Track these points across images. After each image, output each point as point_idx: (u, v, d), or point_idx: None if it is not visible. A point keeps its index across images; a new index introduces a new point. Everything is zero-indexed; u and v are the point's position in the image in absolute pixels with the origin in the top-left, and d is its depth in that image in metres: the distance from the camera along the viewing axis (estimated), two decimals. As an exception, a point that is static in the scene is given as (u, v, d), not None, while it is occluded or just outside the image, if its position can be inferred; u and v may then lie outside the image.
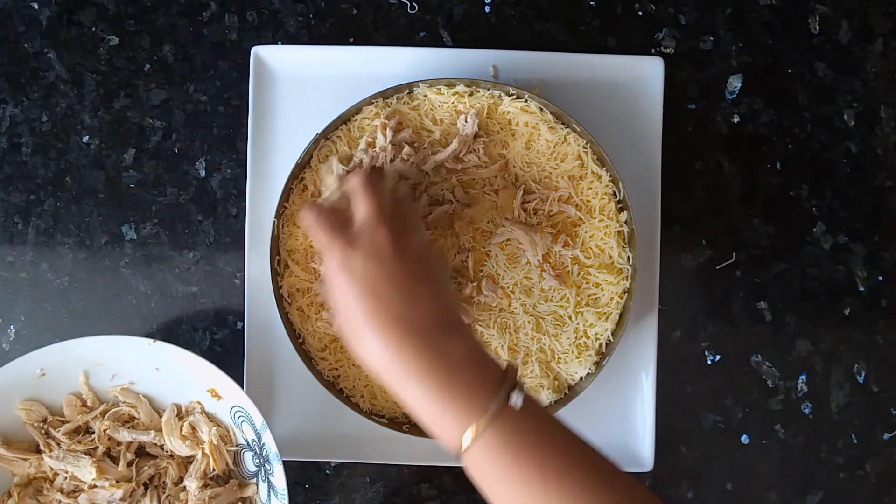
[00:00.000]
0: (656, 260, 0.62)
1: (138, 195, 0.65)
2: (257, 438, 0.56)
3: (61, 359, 0.57)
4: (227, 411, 0.57)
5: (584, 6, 0.66)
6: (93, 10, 0.66)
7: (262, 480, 0.57)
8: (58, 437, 0.58)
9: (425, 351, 0.44)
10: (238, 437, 0.58)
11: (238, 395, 0.55)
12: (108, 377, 0.59)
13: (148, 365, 0.58)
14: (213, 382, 0.57)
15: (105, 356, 0.58)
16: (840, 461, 0.65)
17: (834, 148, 0.66)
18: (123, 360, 0.58)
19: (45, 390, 0.58)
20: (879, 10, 0.66)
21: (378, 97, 0.59)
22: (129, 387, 0.59)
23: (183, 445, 0.58)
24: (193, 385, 0.58)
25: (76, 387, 0.59)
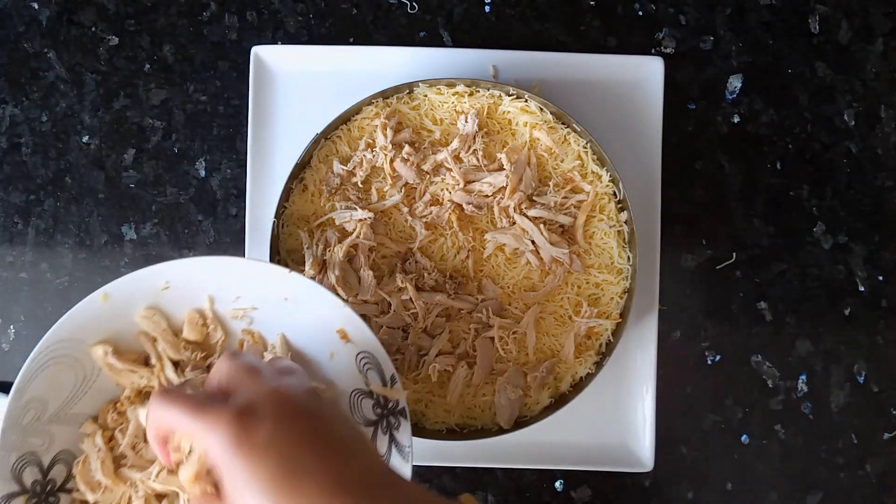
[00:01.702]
0: (656, 260, 0.62)
1: (138, 195, 0.65)
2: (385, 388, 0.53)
3: (188, 274, 0.53)
4: (352, 355, 0.54)
5: (585, 6, 0.66)
6: (93, 10, 0.66)
7: (382, 432, 0.53)
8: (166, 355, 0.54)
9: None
10: (357, 383, 0.54)
11: (370, 341, 0.52)
12: (232, 298, 0.55)
13: (277, 294, 0.54)
14: (345, 324, 0.53)
15: (233, 279, 0.54)
16: (840, 461, 0.65)
17: (834, 148, 0.66)
18: (251, 286, 0.54)
19: (167, 304, 0.54)
20: (880, 10, 0.66)
21: (378, 97, 0.59)
22: (251, 312, 0.55)
23: None
24: (320, 324, 0.54)
25: (198, 304, 0.55)
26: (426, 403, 0.59)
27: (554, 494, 0.65)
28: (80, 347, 0.51)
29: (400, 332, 0.59)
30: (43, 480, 0.49)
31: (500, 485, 0.64)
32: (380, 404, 0.53)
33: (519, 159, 0.58)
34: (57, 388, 0.50)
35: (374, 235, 0.59)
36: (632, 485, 0.64)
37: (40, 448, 0.49)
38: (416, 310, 0.58)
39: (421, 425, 0.60)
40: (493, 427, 0.59)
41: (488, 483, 0.65)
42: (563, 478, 0.65)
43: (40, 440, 0.50)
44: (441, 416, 0.59)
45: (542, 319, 0.59)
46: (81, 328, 0.51)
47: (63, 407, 0.51)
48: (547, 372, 0.58)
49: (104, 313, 0.51)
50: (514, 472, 0.64)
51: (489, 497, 0.65)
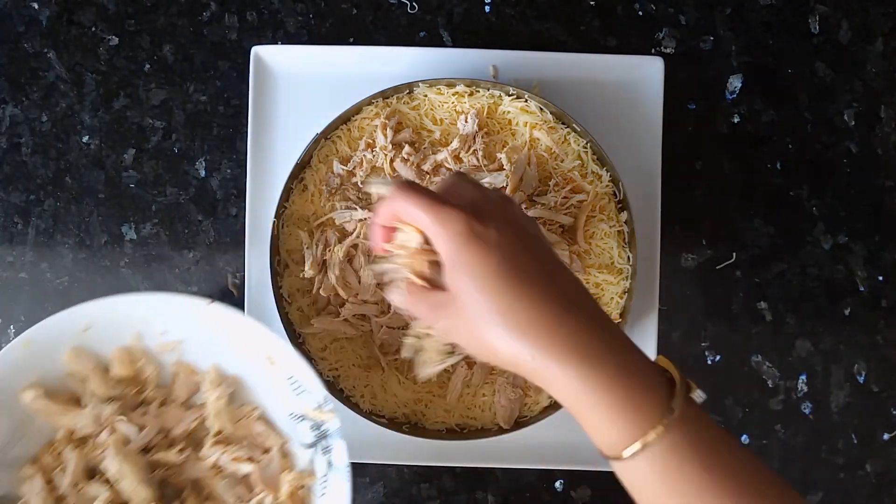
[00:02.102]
0: (656, 260, 0.62)
1: (138, 195, 0.65)
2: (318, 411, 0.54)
3: (109, 314, 0.54)
4: (282, 379, 0.55)
5: (585, 6, 0.66)
6: (93, 10, 0.66)
7: (318, 454, 0.54)
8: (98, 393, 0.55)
9: (588, 329, 0.36)
10: (292, 407, 0.55)
11: (298, 364, 0.53)
12: (158, 333, 0.56)
13: (201, 326, 0.55)
14: (271, 349, 0.54)
15: (157, 314, 0.55)
16: (840, 461, 0.65)
17: (834, 148, 0.66)
18: (175, 319, 0.55)
19: (93, 344, 0.55)
20: (880, 10, 0.66)
21: (378, 97, 0.59)
22: (180, 345, 0.56)
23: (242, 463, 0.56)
24: (248, 350, 0.55)
25: (125, 342, 0.56)
26: (426, 403, 0.59)
27: (554, 494, 0.65)
28: (9, 394, 0.52)
29: (400, 332, 0.59)
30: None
31: (500, 485, 0.65)
32: (315, 427, 0.54)
33: (519, 159, 0.58)
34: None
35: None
36: (632, 485, 0.64)
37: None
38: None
39: (421, 425, 0.60)
40: (493, 427, 0.59)
41: (488, 483, 0.65)
42: (563, 478, 0.65)
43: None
44: (441, 416, 0.59)
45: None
46: (7, 376, 0.52)
47: (1, 452, 0.52)
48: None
49: (28, 359, 0.52)
50: (514, 472, 0.64)
51: (489, 497, 0.65)
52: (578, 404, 0.37)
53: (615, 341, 0.38)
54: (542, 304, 0.36)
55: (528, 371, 0.37)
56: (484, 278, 0.37)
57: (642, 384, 0.36)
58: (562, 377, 0.36)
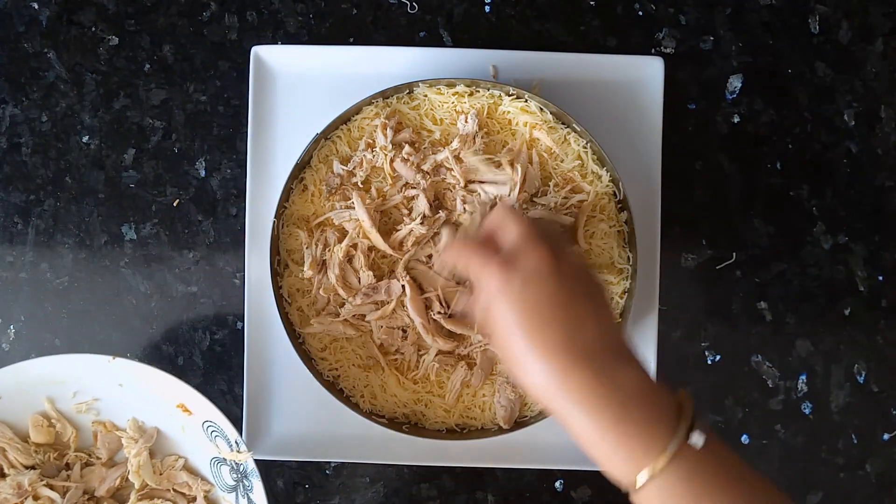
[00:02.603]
0: (656, 260, 0.62)
1: (138, 195, 0.65)
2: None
3: (17, 380, 0.55)
4: (198, 426, 0.56)
5: (584, 6, 0.66)
6: (93, 10, 0.66)
7: (241, 496, 0.55)
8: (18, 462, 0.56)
9: (594, 378, 0.41)
10: (211, 451, 0.57)
11: (209, 409, 0.54)
12: (69, 395, 0.57)
13: (110, 382, 0.56)
14: (182, 397, 0.55)
15: (64, 375, 0.56)
16: (840, 461, 0.65)
17: (834, 148, 0.66)
18: (86, 378, 0.56)
19: (7, 413, 0.56)
20: (880, 10, 0.66)
21: (378, 97, 0.59)
22: (95, 403, 0.58)
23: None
24: (161, 401, 0.56)
25: (39, 407, 0.57)
26: (426, 403, 0.59)
27: (554, 494, 0.65)
28: None
29: (399, 332, 0.59)
30: None
31: (500, 485, 0.65)
32: (234, 469, 0.55)
33: (521, 159, 0.58)
34: None
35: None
36: (632, 485, 0.64)
37: None
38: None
39: (421, 425, 0.60)
40: (493, 427, 0.59)
41: (488, 483, 0.65)
42: (563, 478, 0.65)
43: None
44: (441, 416, 0.59)
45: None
46: None
47: None
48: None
49: None
50: (514, 472, 0.64)
51: (489, 497, 0.65)
52: (589, 441, 0.42)
53: (626, 381, 0.42)
54: (554, 357, 0.42)
55: (549, 405, 0.43)
56: (510, 323, 0.43)
57: (646, 425, 0.41)
58: (575, 418, 0.41)
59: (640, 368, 0.43)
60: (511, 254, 0.45)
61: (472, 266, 0.46)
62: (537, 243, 0.45)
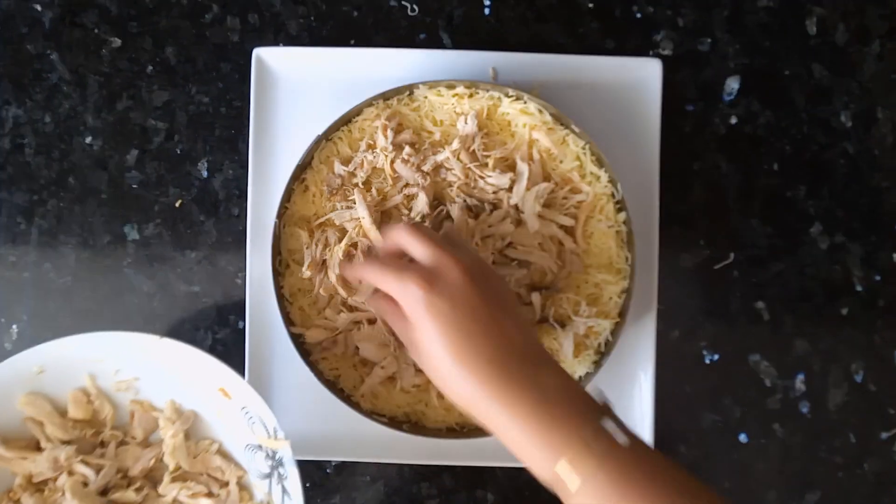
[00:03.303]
0: (655, 260, 0.62)
1: (141, 196, 0.66)
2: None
3: (62, 355, 0.55)
4: (236, 411, 0.56)
5: (583, 8, 0.66)
6: (95, 12, 0.66)
7: (275, 483, 0.55)
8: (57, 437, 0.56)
9: (520, 385, 0.43)
10: (247, 438, 0.57)
11: (250, 395, 0.54)
12: (112, 372, 0.57)
13: (154, 362, 0.56)
14: (224, 381, 0.55)
15: (109, 352, 0.56)
16: (838, 460, 0.65)
17: (831, 149, 0.66)
18: (128, 357, 0.56)
19: (47, 387, 0.57)
20: (876, 12, 0.66)
21: (379, 99, 0.59)
22: (135, 382, 0.58)
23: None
24: (201, 384, 0.57)
25: (79, 383, 0.57)
26: (426, 403, 0.60)
27: (554, 493, 0.65)
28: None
29: (384, 347, 0.59)
30: None
31: (500, 484, 0.65)
32: (269, 456, 0.55)
33: (522, 156, 0.59)
34: None
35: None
36: (631, 483, 0.64)
37: None
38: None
39: (421, 424, 0.60)
40: (492, 426, 0.60)
41: (488, 482, 0.65)
42: (562, 477, 0.65)
43: None
44: (441, 415, 0.60)
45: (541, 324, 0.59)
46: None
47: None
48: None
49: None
50: (514, 472, 0.65)
51: (489, 496, 0.65)
52: (513, 439, 0.44)
53: (545, 382, 0.44)
54: (484, 361, 0.43)
55: (479, 415, 0.45)
56: (438, 340, 0.44)
57: (564, 419, 0.42)
58: (500, 418, 0.43)
59: (561, 371, 0.45)
60: (429, 271, 0.45)
61: (387, 284, 0.46)
62: (452, 257, 0.46)
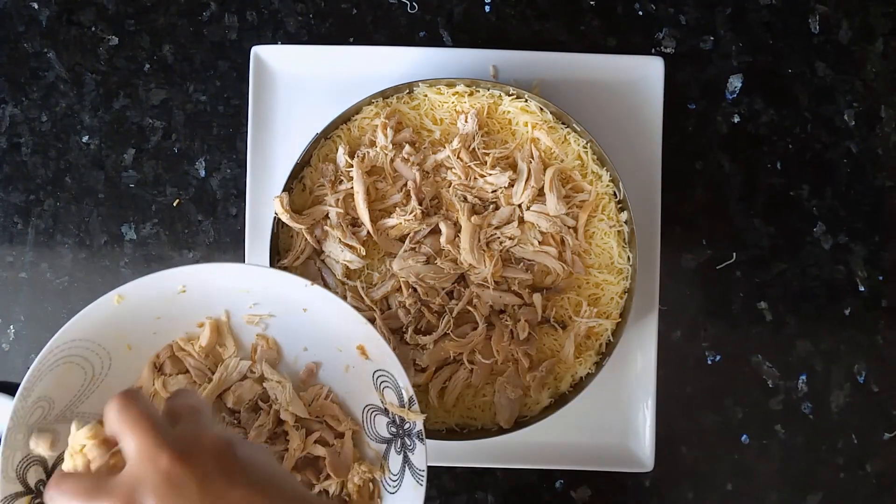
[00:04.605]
0: (656, 260, 0.62)
1: (138, 195, 0.65)
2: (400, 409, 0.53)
3: (206, 279, 0.53)
4: (369, 372, 0.54)
5: (584, 6, 0.66)
6: (92, 10, 0.66)
7: (396, 452, 0.53)
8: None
9: None
10: (371, 399, 0.55)
11: (392, 360, 0.52)
12: (248, 304, 0.55)
13: (296, 304, 0.54)
14: (365, 340, 0.53)
15: (253, 286, 0.54)
16: (840, 461, 0.65)
17: (834, 148, 0.66)
18: (271, 294, 0.54)
19: (181, 308, 0.54)
20: (880, 10, 0.66)
21: (378, 97, 0.59)
22: (268, 319, 0.56)
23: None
24: (338, 337, 0.54)
25: (213, 310, 0.55)
26: (425, 404, 0.59)
27: (554, 494, 0.65)
28: (90, 347, 0.50)
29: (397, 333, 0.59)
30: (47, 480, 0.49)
31: (500, 485, 0.65)
32: (395, 423, 0.53)
33: (523, 155, 0.58)
34: (65, 387, 0.49)
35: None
36: (632, 485, 0.64)
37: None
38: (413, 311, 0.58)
39: (421, 425, 0.60)
40: (493, 427, 0.59)
41: (488, 483, 0.65)
42: (563, 478, 0.65)
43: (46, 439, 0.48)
44: (441, 416, 0.59)
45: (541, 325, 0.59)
46: (94, 329, 0.50)
47: (70, 406, 0.50)
48: (546, 372, 0.58)
49: (118, 315, 0.51)
50: (514, 472, 0.64)
51: (489, 497, 0.65)
52: None
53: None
54: None
55: None
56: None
57: None
58: None
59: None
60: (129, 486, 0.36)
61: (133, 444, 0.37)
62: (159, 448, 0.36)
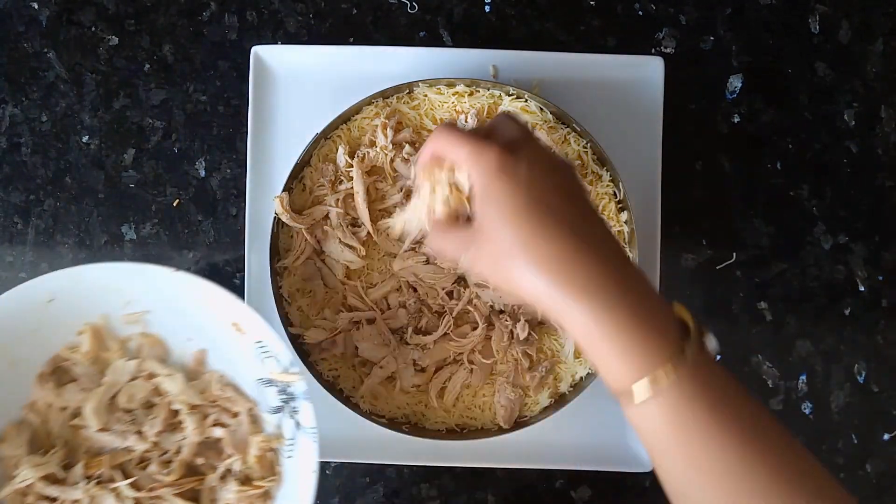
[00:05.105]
0: (656, 260, 0.62)
1: (138, 195, 0.65)
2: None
3: (72, 285, 0.53)
4: (249, 345, 0.55)
5: (585, 6, 0.66)
6: (92, 10, 0.66)
7: (288, 417, 0.55)
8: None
9: (602, 266, 0.37)
10: (259, 372, 0.56)
11: (263, 329, 0.53)
12: (122, 304, 0.55)
13: (166, 295, 0.55)
14: (237, 316, 0.54)
15: (121, 283, 0.54)
16: (840, 461, 0.65)
17: (834, 148, 0.66)
18: (140, 289, 0.55)
19: (55, 318, 0.54)
20: (880, 10, 0.66)
21: (378, 97, 0.59)
22: (145, 316, 0.56)
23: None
24: (214, 317, 0.55)
25: (90, 313, 0.55)
26: (426, 404, 0.59)
27: (554, 494, 0.65)
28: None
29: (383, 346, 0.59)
30: None
31: (500, 485, 0.64)
32: (282, 391, 0.54)
33: None
34: None
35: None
36: (632, 485, 0.64)
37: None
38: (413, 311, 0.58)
39: (421, 425, 0.60)
40: (493, 427, 0.59)
41: (488, 483, 0.65)
42: (563, 478, 0.65)
43: None
44: (441, 416, 0.59)
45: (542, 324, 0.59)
46: None
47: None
48: (546, 372, 0.58)
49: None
50: (514, 472, 0.64)
51: (489, 497, 0.65)
52: (589, 339, 0.38)
53: (632, 283, 0.38)
54: (563, 241, 0.38)
55: (545, 306, 0.38)
56: (510, 211, 0.38)
57: (654, 325, 0.37)
58: (575, 313, 0.37)
59: (641, 272, 0.40)
60: (511, 140, 0.41)
61: (462, 151, 0.40)
62: (540, 143, 0.41)
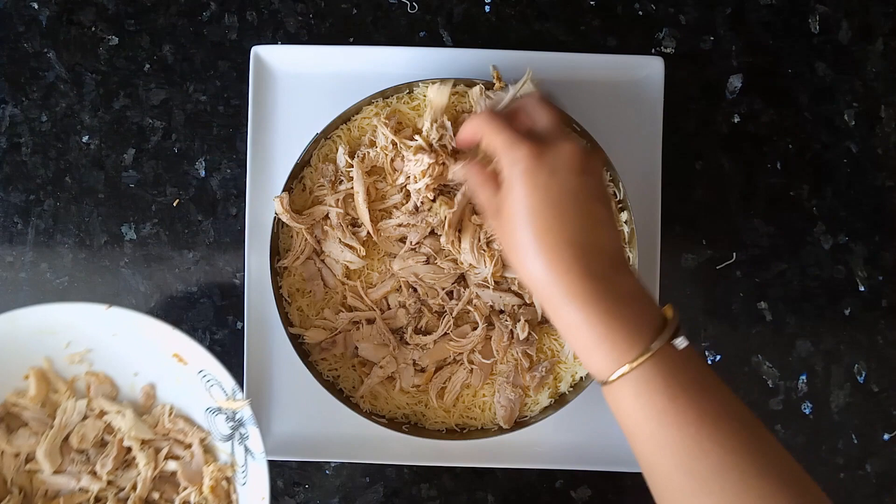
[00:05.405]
0: (656, 260, 0.62)
1: (138, 195, 0.65)
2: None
3: (10, 329, 0.54)
4: (193, 375, 0.56)
5: (585, 6, 0.66)
6: (92, 10, 0.66)
7: (237, 443, 0.55)
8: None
9: (592, 278, 0.43)
10: (207, 401, 0.57)
11: (205, 358, 0.54)
12: (62, 345, 0.56)
13: (105, 332, 0.55)
14: (177, 347, 0.55)
15: (58, 324, 0.55)
16: (840, 461, 0.65)
17: (834, 148, 0.66)
18: (78, 328, 0.55)
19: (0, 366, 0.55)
20: (880, 10, 0.66)
21: (378, 97, 0.59)
22: (87, 355, 0.57)
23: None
24: (156, 350, 0.56)
25: (31, 356, 0.56)
26: (426, 403, 0.59)
27: (554, 494, 0.65)
28: None
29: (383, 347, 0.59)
30: None
31: (500, 485, 0.65)
32: (230, 418, 0.55)
33: None
34: None
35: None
36: (632, 485, 0.64)
37: None
38: (413, 311, 0.58)
39: (421, 425, 0.60)
40: (493, 427, 0.59)
41: (488, 483, 0.65)
42: (563, 478, 0.65)
43: None
44: (441, 416, 0.59)
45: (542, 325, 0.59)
46: None
47: None
48: (546, 372, 0.58)
49: None
50: (514, 472, 0.64)
51: (489, 497, 0.65)
52: (574, 331, 0.43)
53: (621, 286, 0.44)
54: (566, 244, 0.43)
55: (541, 295, 0.45)
56: (526, 209, 0.44)
57: (632, 325, 0.43)
58: (565, 306, 0.43)
59: (637, 279, 0.45)
60: (542, 138, 0.46)
61: (498, 140, 0.46)
62: (570, 136, 0.46)
